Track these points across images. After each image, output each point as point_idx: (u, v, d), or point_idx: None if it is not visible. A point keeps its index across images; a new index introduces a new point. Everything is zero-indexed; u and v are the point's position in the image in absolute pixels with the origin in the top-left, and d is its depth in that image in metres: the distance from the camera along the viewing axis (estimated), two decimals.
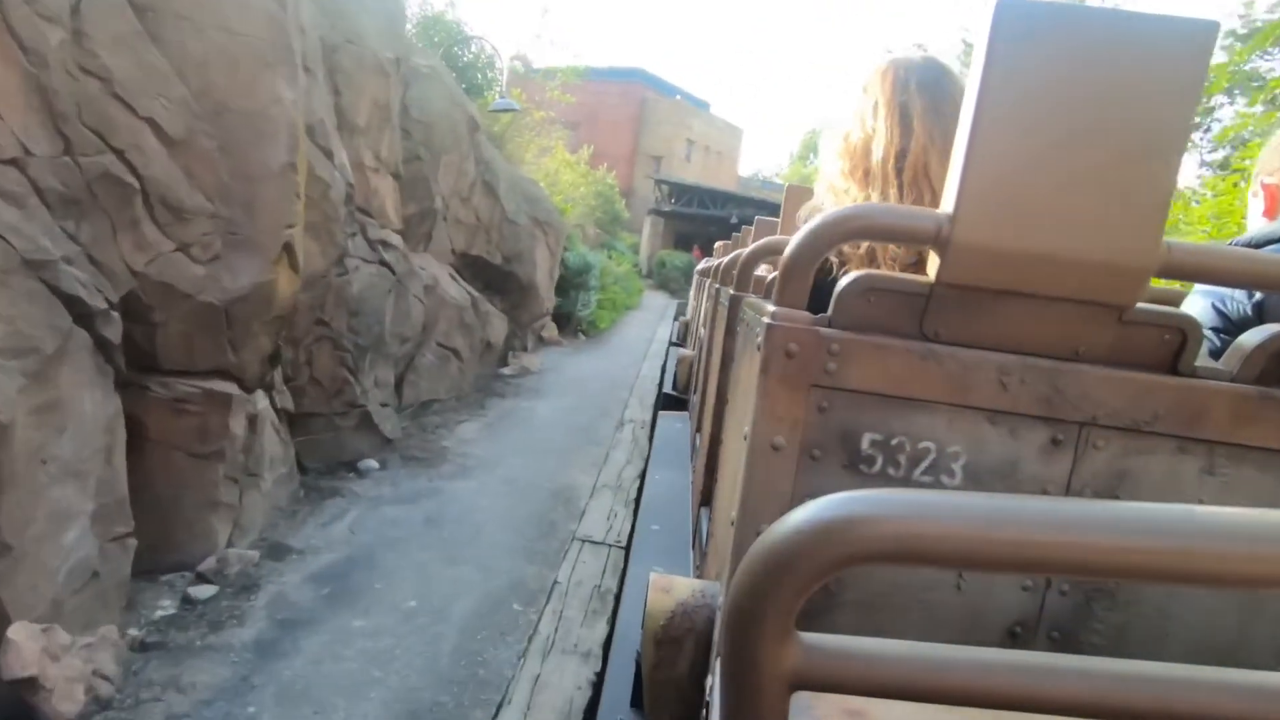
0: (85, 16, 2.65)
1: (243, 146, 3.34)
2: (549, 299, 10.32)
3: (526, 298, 9.27)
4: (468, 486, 5.18)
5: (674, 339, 9.30)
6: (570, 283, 12.73)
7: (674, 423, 4.26)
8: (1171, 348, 0.78)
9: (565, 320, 12.59)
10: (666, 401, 4.98)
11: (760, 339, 0.78)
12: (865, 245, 1.03)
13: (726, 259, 2.49)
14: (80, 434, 2.64)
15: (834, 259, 1.03)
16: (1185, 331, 0.78)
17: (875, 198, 1.04)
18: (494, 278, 8.65)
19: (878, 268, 1.01)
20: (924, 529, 0.34)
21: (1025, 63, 0.69)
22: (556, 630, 3.40)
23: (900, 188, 1.03)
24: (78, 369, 2.60)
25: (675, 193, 28.59)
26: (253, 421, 3.81)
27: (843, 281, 0.80)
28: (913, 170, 1.01)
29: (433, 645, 3.22)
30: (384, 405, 5.55)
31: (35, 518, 2.44)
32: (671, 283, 24.31)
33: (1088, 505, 0.35)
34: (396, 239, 5.78)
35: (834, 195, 1.11)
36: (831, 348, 0.76)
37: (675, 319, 12.75)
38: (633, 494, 5.42)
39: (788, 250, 0.80)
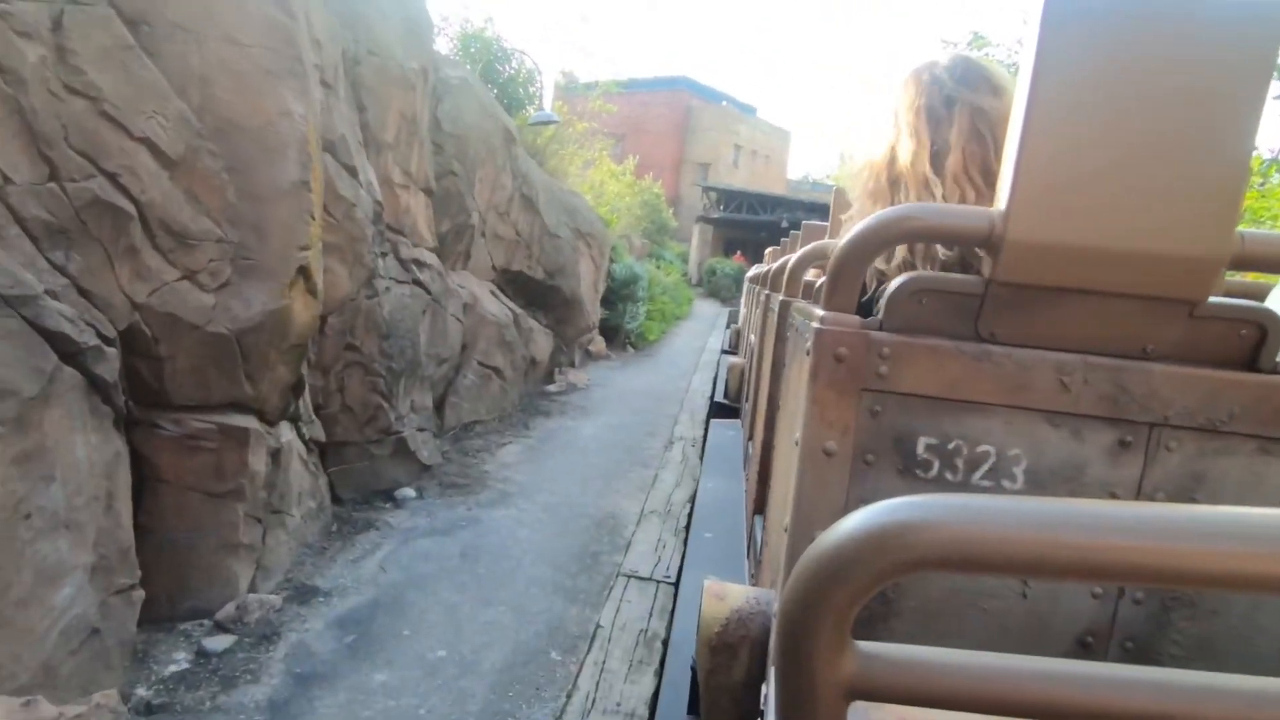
0: (69, 31, 2.46)
1: (250, 165, 3.12)
2: (595, 312, 10.03)
3: (571, 312, 9.00)
4: (507, 515, 4.89)
5: (725, 346, 9.06)
6: (617, 295, 12.45)
7: (726, 430, 4.10)
8: (1249, 343, 0.74)
9: (613, 333, 12.30)
10: (718, 410, 4.86)
11: (809, 343, 0.77)
12: (900, 257, 0.96)
13: (775, 265, 2.34)
14: (73, 481, 2.43)
15: (872, 278, 0.98)
16: (1265, 326, 0.74)
17: (911, 198, 0.96)
18: (537, 293, 8.41)
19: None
20: (984, 534, 0.33)
21: (1079, 54, 0.66)
22: (597, 686, 3.03)
23: (942, 188, 0.94)
24: (67, 411, 2.39)
25: (723, 199, 28.15)
26: (276, 455, 3.60)
27: (893, 284, 0.77)
28: (954, 169, 0.93)
29: (459, 704, 2.90)
30: (421, 430, 5.32)
31: (17, 578, 2.22)
32: (722, 290, 23.86)
33: (1163, 508, 0.33)
34: (431, 257, 5.57)
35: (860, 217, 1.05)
36: (882, 351, 0.74)
37: (727, 327, 12.40)
38: (683, 521, 5.03)
39: (836, 253, 0.78)
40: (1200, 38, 0.65)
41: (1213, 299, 0.72)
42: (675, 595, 2.92)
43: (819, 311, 0.77)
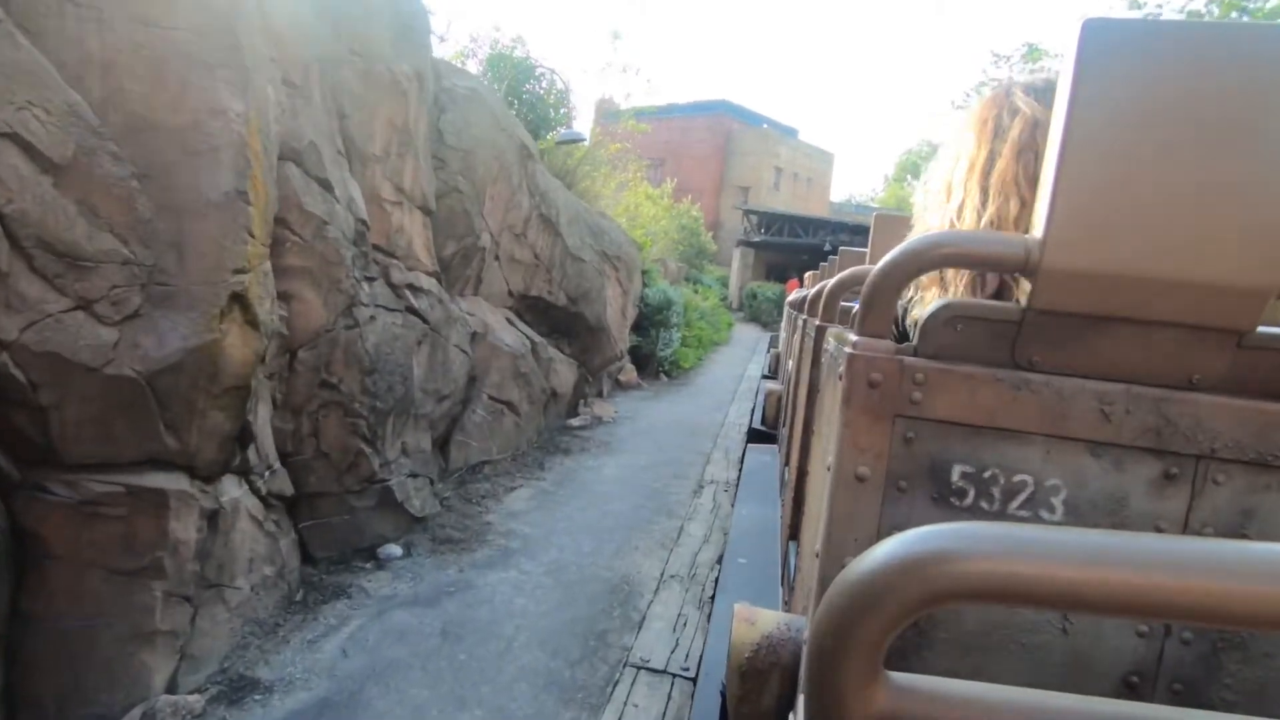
0: None
1: (169, 172, 2.54)
2: (623, 340, 9.34)
3: (597, 340, 8.34)
4: (504, 579, 4.18)
5: (766, 371, 8.54)
6: (650, 320, 11.78)
7: (762, 455, 3.96)
8: None
9: (646, 361, 11.61)
10: (755, 437, 4.65)
11: (843, 368, 0.76)
12: (930, 274, 0.94)
13: (813, 290, 2.18)
14: None
15: (910, 292, 0.99)
16: None
17: (953, 212, 0.93)
18: (559, 320, 7.78)
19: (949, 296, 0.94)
20: (1024, 566, 0.32)
21: (1117, 82, 0.64)
22: None
23: (984, 194, 0.90)
24: None
25: (764, 222, 27.44)
26: (214, 518, 2.98)
27: (928, 309, 0.76)
28: (1003, 175, 0.88)
29: None
30: (414, 476, 4.68)
31: None
32: (763, 315, 23.09)
33: (1214, 544, 0.32)
34: (429, 282, 4.97)
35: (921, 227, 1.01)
36: (916, 377, 0.72)
37: (768, 351, 11.69)
38: (709, 590, 4.25)
39: (870, 278, 0.77)
40: (1245, 65, 0.62)
41: (1263, 329, 0.69)
42: (700, 662, 2.59)
43: (852, 337, 0.77)
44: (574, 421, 7.85)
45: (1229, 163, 0.63)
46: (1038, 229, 0.68)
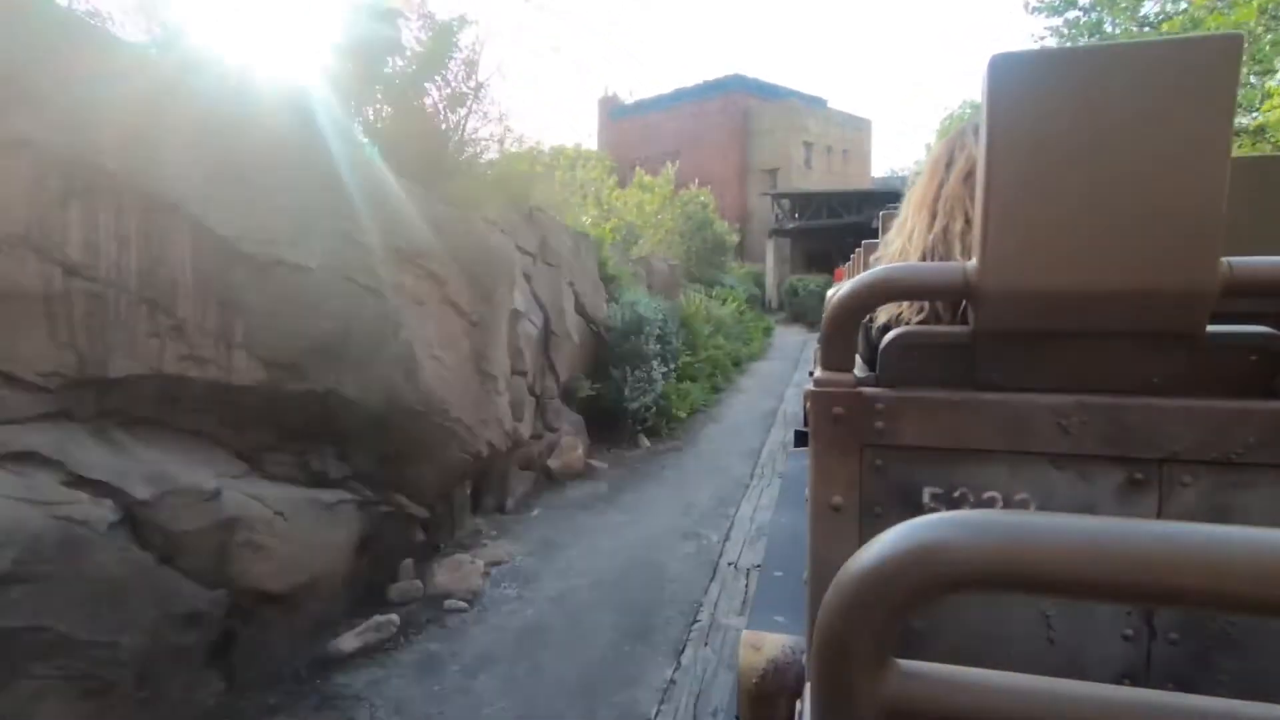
0: None
1: None
2: (499, 420, 4.58)
3: (415, 435, 3.70)
4: None
5: (811, 369, 4.75)
6: (616, 355, 7.11)
7: (804, 459, 2.32)
8: (1260, 369, 0.69)
9: (612, 420, 6.92)
10: (801, 440, 3.69)
11: (808, 403, 0.75)
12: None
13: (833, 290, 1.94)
14: None
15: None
16: (1275, 351, 0.70)
17: (906, 234, 0.98)
18: (293, 416, 3.21)
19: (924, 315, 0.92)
20: (1030, 552, 0.30)
21: (1029, 111, 0.66)
22: None
23: (932, 216, 0.95)
24: None
25: (797, 206, 22.38)
26: None
27: (884, 340, 0.78)
28: (947, 198, 0.94)
29: None
30: None
31: None
32: (809, 313, 18.16)
33: (1218, 529, 0.30)
34: None
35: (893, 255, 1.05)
36: (877, 407, 0.73)
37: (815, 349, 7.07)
38: None
39: (825, 316, 0.78)
40: (1151, 82, 0.62)
41: (1212, 328, 0.68)
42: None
43: (817, 372, 0.76)
44: (345, 643, 3.22)
45: (1148, 174, 0.63)
46: (974, 255, 0.68)
